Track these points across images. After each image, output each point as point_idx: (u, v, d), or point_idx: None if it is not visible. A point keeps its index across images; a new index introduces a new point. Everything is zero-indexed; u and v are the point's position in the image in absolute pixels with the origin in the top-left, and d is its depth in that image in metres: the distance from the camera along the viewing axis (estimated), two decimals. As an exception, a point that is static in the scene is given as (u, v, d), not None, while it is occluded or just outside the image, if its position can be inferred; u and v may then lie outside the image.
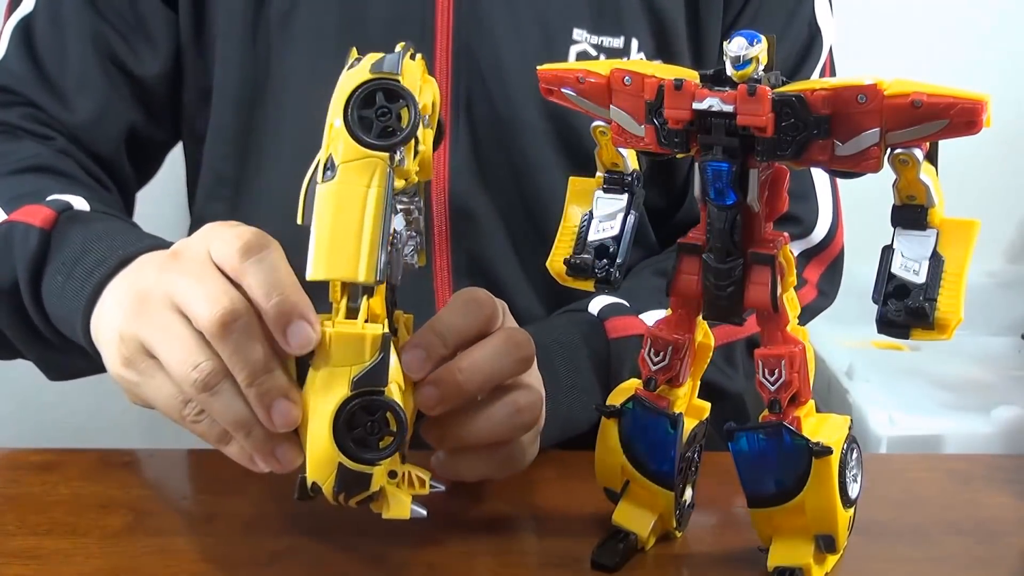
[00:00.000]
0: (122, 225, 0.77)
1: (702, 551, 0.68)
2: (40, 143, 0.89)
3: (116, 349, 0.63)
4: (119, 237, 0.72)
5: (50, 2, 0.91)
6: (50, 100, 0.90)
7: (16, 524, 0.69)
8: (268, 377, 0.57)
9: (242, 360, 0.57)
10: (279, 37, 0.89)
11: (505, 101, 0.89)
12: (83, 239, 0.73)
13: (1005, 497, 0.76)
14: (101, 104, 0.90)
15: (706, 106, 0.57)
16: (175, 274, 0.60)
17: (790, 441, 0.61)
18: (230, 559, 0.65)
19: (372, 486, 0.58)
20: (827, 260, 0.97)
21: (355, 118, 0.55)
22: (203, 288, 0.58)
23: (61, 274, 0.72)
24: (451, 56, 0.88)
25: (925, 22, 1.76)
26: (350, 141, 0.56)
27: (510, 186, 0.91)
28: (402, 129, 0.56)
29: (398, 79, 0.55)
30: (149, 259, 0.69)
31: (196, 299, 0.58)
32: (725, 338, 0.87)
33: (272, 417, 0.58)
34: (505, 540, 0.68)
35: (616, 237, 0.65)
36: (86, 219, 0.77)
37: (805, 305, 0.94)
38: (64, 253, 0.73)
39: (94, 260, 0.70)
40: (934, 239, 0.58)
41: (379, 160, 0.56)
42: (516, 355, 0.66)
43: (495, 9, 0.88)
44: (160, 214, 1.25)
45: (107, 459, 0.77)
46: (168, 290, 0.60)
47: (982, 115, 0.53)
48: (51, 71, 0.90)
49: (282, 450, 0.59)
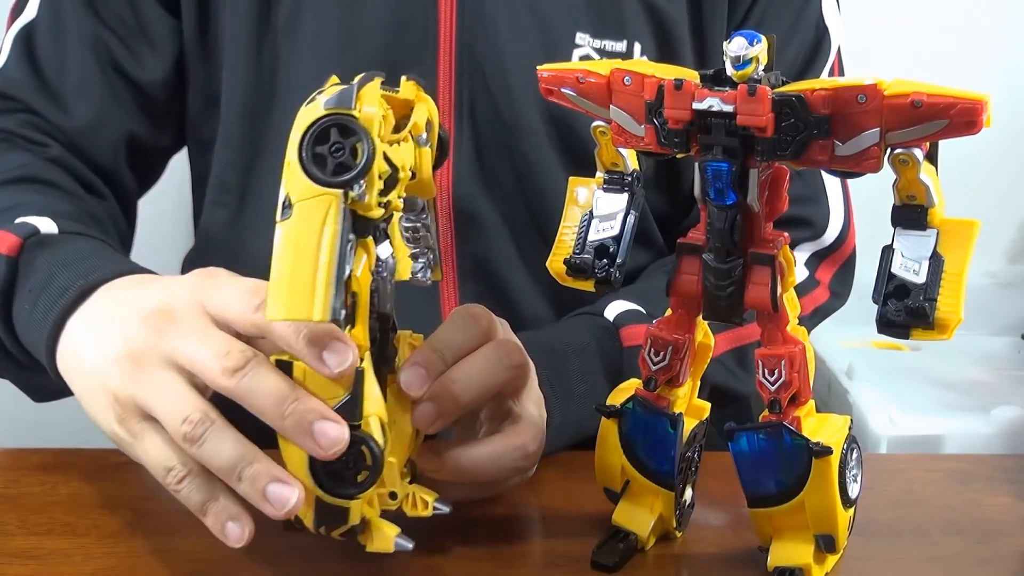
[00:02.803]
0: (89, 247, 0.76)
1: (702, 551, 0.68)
2: (31, 152, 0.88)
3: (111, 409, 0.63)
4: (84, 263, 0.71)
5: (52, 9, 0.91)
6: (48, 106, 0.90)
7: (16, 524, 0.69)
8: (298, 402, 0.57)
9: (261, 395, 0.57)
10: (284, 44, 0.89)
11: (508, 105, 0.89)
12: (48, 266, 0.72)
13: (1005, 497, 0.76)
14: (100, 109, 0.91)
15: (706, 106, 0.57)
16: (173, 335, 0.61)
17: (790, 441, 0.61)
18: (230, 559, 0.65)
19: (351, 519, 0.59)
20: (839, 261, 0.97)
21: (309, 155, 0.55)
22: (208, 349, 0.59)
23: (28, 302, 0.72)
24: (454, 61, 0.88)
25: (925, 22, 1.76)
26: (304, 179, 0.55)
27: (513, 190, 0.91)
28: (356, 165, 0.55)
29: (351, 114, 0.55)
30: (115, 295, 0.68)
31: (203, 360, 0.59)
32: (736, 341, 0.87)
33: (317, 439, 0.57)
34: (505, 540, 0.68)
35: (616, 237, 0.65)
36: (53, 243, 0.75)
37: (818, 307, 0.94)
38: (31, 280, 0.72)
39: (58, 289, 0.69)
40: (934, 239, 0.58)
41: (333, 197, 0.55)
42: (508, 362, 0.66)
43: (498, 14, 0.88)
44: (159, 219, 1.25)
45: (107, 459, 0.77)
46: (168, 353, 0.60)
47: (982, 115, 0.53)
48: (50, 77, 0.90)
49: (274, 489, 0.58)
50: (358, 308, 0.59)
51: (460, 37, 0.88)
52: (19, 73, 0.90)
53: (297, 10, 0.89)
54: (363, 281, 0.59)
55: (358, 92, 0.56)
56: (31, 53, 0.91)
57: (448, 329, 0.66)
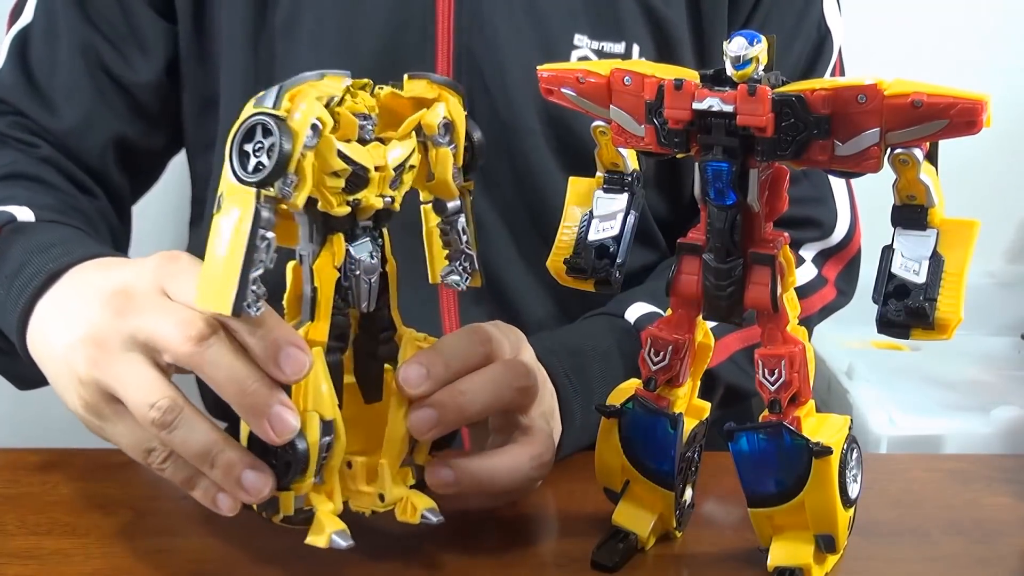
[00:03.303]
0: (66, 234, 0.76)
1: (702, 551, 0.68)
2: (21, 150, 0.90)
3: (76, 393, 0.63)
4: (57, 248, 0.71)
5: (46, 13, 0.92)
6: (37, 108, 0.91)
7: (16, 524, 0.69)
8: (260, 384, 0.57)
9: (225, 372, 0.57)
10: (283, 45, 0.89)
11: (506, 106, 0.89)
12: (22, 252, 0.73)
13: (1005, 497, 0.76)
14: (87, 111, 0.91)
15: (706, 106, 0.57)
16: (133, 314, 0.60)
17: (790, 441, 0.61)
18: (230, 559, 0.65)
19: (282, 509, 0.59)
20: (845, 259, 0.98)
21: (236, 152, 0.56)
22: (170, 319, 0.59)
23: (2, 287, 0.72)
24: (452, 62, 0.88)
25: (925, 22, 1.76)
26: (229, 174, 0.56)
27: (512, 190, 0.91)
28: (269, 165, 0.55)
29: (273, 113, 0.55)
30: (82, 277, 0.68)
31: (165, 330, 0.58)
32: (749, 340, 0.87)
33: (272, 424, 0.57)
34: (505, 540, 0.68)
35: (616, 237, 0.65)
36: (29, 231, 0.76)
37: (826, 304, 0.95)
38: (5, 267, 0.73)
39: (30, 273, 0.70)
40: (934, 239, 0.58)
41: (249, 195, 0.56)
42: (516, 384, 0.66)
43: (496, 15, 0.88)
44: (160, 219, 1.25)
45: (107, 459, 0.77)
46: (129, 331, 0.60)
47: (982, 115, 0.53)
48: (40, 80, 0.92)
49: (249, 476, 0.58)
50: (319, 304, 0.60)
51: (458, 38, 0.88)
52: (11, 77, 0.92)
53: (296, 11, 0.89)
54: (324, 277, 0.59)
55: (285, 92, 0.56)
56: (24, 58, 0.92)
57: (455, 336, 0.66)
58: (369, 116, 0.60)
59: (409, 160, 0.61)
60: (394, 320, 0.64)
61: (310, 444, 0.58)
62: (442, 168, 0.63)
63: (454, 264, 0.66)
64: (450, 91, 0.63)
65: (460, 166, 0.64)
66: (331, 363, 0.60)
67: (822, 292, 0.95)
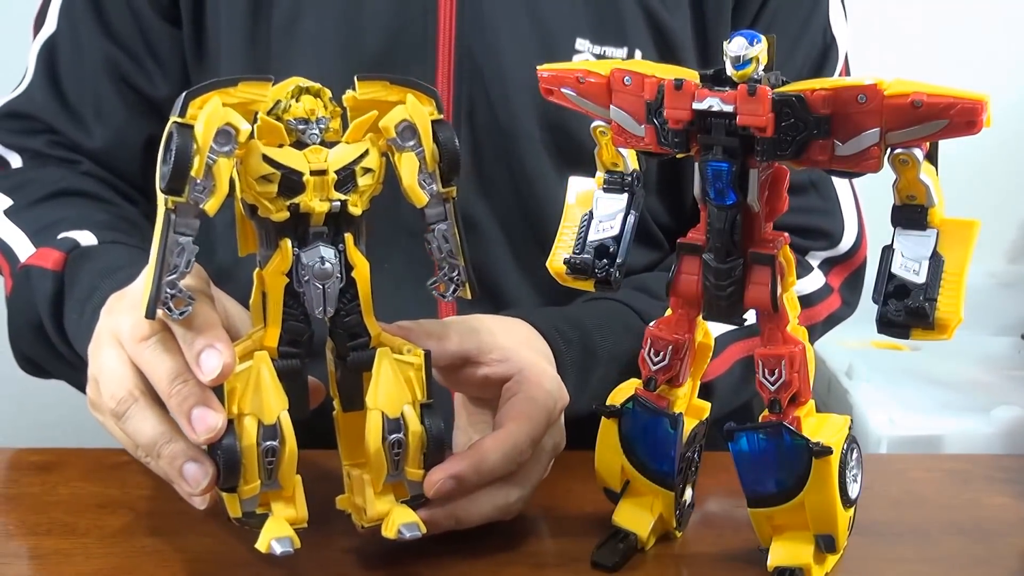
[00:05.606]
0: (127, 257, 0.80)
1: (702, 551, 0.68)
2: (65, 167, 0.92)
3: (88, 391, 0.66)
4: (123, 272, 0.74)
5: (70, 24, 0.93)
6: (71, 128, 0.93)
7: (16, 524, 0.70)
8: (187, 384, 0.59)
9: (157, 370, 0.60)
10: (282, 46, 0.89)
11: (505, 110, 0.89)
12: (90, 278, 0.78)
13: (1005, 497, 0.76)
14: (117, 128, 0.93)
15: (706, 106, 0.57)
16: (116, 312, 0.64)
17: (790, 441, 0.61)
18: (230, 559, 0.65)
19: (229, 510, 0.60)
20: (850, 268, 0.97)
21: (159, 161, 0.56)
22: (130, 318, 0.62)
23: (76, 312, 0.77)
24: (453, 63, 0.88)
25: (926, 22, 1.76)
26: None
27: (509, 194, 0.90)
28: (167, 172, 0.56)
29: (176, 121, 0.56)
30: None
31: (126, 324, 0.62)
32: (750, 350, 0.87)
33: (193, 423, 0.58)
34: (504, 540, 0.68)
35: (616, 237, 0.65)
36: (95, 255, 0.81)
37: (830, 313, 0.94)
38: (76, 292, 0.78)
39: (100, 298, 0.72)
40: (934, 239, 0.58)
41: (161, 202, 0.57)
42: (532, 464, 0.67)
43: (497, 17, 0.88)
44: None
45: (107, 459, 0.77)
46: (111, 326, 0.64)
47: (982, 115, 0.53)
48: (71, 98, 0.93)
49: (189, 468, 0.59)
50: (268, 309, 0.60)
51: (459, 40, 0.88)
52: (42, 95, 0.93)
53: (295, 12, 0.89)
54: (271, 283, 0.60)
55: (191, 99, 0.56)
56: (54, 73, 0.93)
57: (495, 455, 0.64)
58: (310, 120, 0.59)
59: (362, 163, 0.60)
60: (368, 327, 0.63)
61: (245, 447, 0.58)
62: (406, 172, 0.61)
63: (440, 274, 0.64)
64: (418, 93, 0.62)
65: (431, 171, 0.62)
66: (283, 368, 0.60)
67: (828, 301, 0.94)
